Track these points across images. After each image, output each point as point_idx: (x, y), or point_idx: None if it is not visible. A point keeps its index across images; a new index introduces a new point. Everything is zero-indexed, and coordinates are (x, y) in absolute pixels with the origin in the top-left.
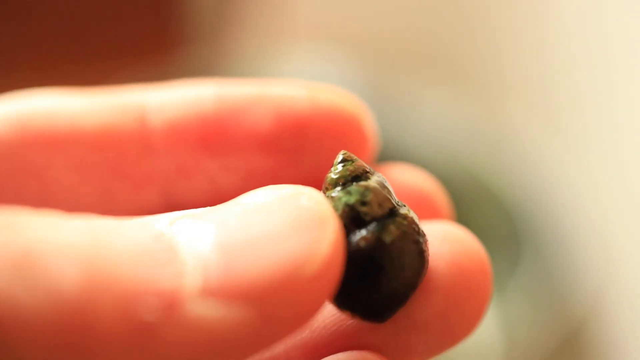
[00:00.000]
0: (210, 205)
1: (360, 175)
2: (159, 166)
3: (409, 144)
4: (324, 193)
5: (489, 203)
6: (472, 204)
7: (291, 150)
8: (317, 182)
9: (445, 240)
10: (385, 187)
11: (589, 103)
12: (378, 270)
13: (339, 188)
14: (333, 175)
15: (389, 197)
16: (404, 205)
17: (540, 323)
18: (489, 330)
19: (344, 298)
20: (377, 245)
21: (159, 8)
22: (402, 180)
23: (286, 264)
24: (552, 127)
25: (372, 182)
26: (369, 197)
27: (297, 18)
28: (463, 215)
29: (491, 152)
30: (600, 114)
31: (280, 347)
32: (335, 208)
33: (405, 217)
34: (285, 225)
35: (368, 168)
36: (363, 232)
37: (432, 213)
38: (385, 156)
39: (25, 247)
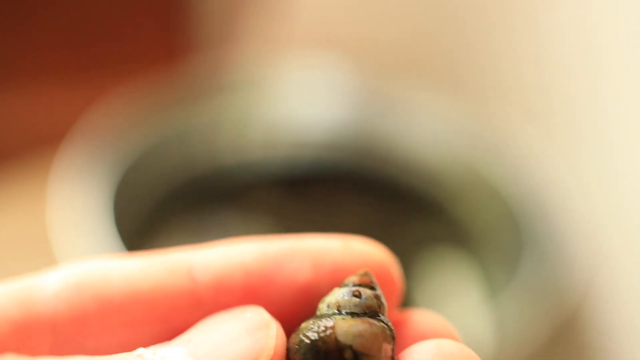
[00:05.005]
0: None
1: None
2: None
3: (407, 147)
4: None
5: (489, 202)
6: (472, 203)
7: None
8: None
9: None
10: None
11: (585, 106)
12: None
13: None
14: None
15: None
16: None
17: (532, 315)
18: (482, 324)
19: None
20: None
21: (166, 16)
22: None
23: (246, 356)
24: (550, 129)
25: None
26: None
27: (300, 26)
28: (463, 213)
29: (489, 152)
30: (597, 117)
31: None
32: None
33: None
34: (239, 331)
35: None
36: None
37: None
38: (386, 158)
39: None
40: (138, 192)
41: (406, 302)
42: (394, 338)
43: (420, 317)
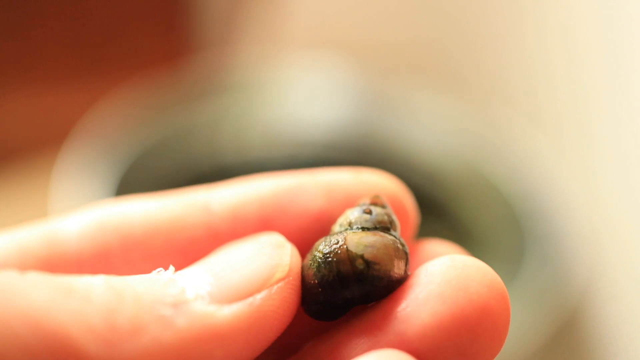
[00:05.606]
0: None
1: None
2: None
3: (408, 146)
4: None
5: (491, 201)
6: (473, 202)
7: None
8: None
9: (453, 268)
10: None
11: (586, 107)
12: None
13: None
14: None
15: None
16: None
17: (533, 315)
18: None
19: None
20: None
21: (167, 17)
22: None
23: (261, 272)
24: (550, 129)
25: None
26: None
27: (300, 26)
28: (465, 213)
29: (490, 152)
30: (598, 117)
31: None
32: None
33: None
34: (255, 251)
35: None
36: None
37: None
38: (388, 157)
39: (67, 280)
40: (140, 192)
41: None
42: (407, 254)
43: (433, 244)
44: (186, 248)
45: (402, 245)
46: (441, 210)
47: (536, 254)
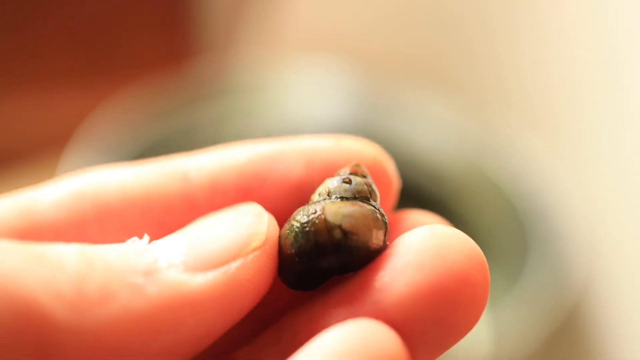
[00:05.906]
0: None
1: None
2: None
3: (409, 146)
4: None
5: (492, 201)
6: (475, 202)
7: None
8: None
9: (432, 237)
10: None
11: (585, 107)
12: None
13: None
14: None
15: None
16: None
17: (533, 315)
18: (483, 323)
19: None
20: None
21: (169, 19)
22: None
23: (237, 241)
24: (550, 130)
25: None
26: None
27: (302, 29)
28: (466, 213)
29: (492, 152)
30: (597, 117)
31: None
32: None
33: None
34: (232, 220)
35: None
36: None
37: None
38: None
39: (39, 248)
40: None
41: None
42: (386, 224)
43: (414, 215)
44: (163, 218)
45: (382, 215)
46: (443, 210)
47: (538, 254)
